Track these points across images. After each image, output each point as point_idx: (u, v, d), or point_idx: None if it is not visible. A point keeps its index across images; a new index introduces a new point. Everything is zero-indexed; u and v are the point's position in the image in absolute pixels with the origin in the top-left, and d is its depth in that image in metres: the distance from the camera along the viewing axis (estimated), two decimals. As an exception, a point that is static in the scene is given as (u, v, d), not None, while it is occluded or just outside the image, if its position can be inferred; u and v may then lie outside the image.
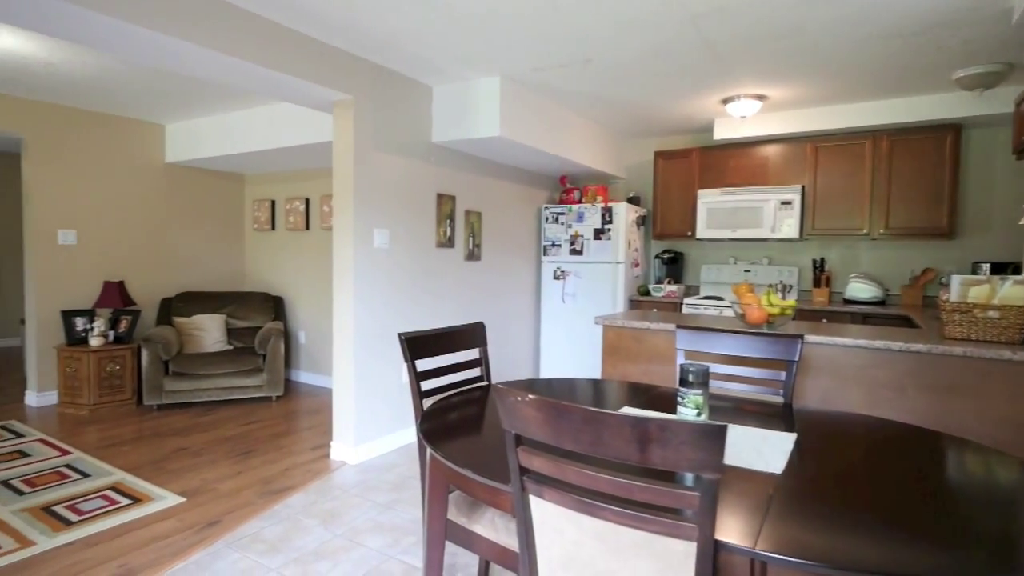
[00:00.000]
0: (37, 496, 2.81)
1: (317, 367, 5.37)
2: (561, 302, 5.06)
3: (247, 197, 5.87)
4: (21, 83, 3.93)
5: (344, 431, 3.40)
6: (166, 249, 5.23)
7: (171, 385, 4.36)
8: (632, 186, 5.46)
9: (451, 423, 1.70)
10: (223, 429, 3.97)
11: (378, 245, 3.47)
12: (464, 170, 4.23)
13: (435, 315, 3.98)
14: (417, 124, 3.74)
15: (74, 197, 4.60)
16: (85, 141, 4.64)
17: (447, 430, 1.63)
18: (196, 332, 4.80)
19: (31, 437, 3.69)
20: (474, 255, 4.36)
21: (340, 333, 3.39)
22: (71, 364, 4.27)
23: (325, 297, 5.26)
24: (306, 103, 3.38)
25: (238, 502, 2.82)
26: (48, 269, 4.46)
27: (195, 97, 4.23)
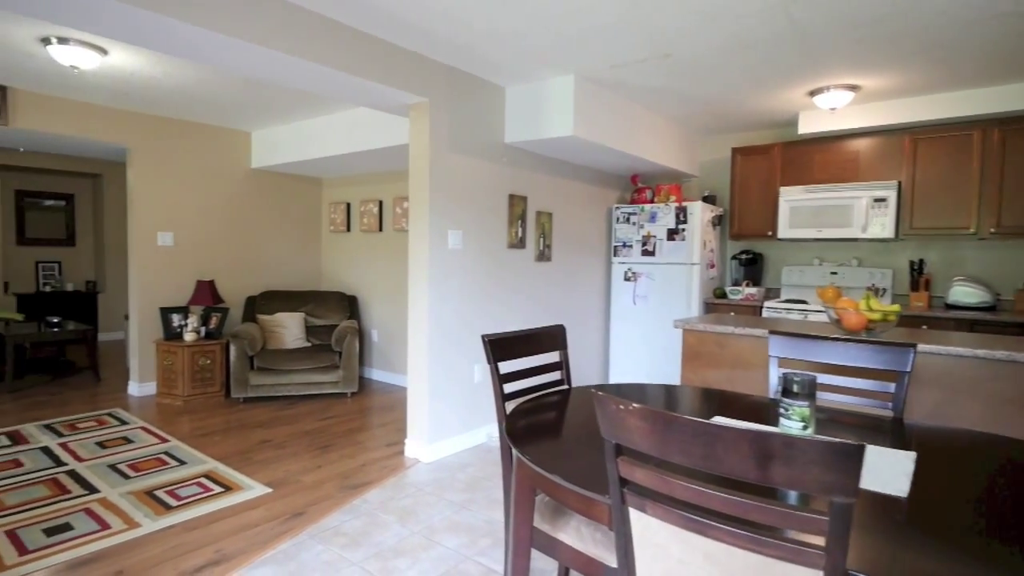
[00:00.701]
0: (141, 480, 3.02)
1: (389, 365, 5.50)
2: (632, 304, 4.94)
3: (324, 200, 6.11)
4: (128, 96, 4.25)
5: (418, 429, 3.45)
6: (251, 250, 5.52)
7: (256, 379, 4.59)
8: (706, 184, 5.26)
9: (536, 426, 1.67)
10: (303, 423, 4.14)
11: (452, 246, 3.51)
12: (536, 170, 4.21)
13: (505, 317, 3.98)
14: (490, 125, 3.75)
15: (171, 202, 4.93)
16: (181, 149, 4.97)
17: (533, 433, 1.60)
18: (278, 329, 5.03)
19: (134, 424, 3.98)
20: (545, 256, 4.33)
21: (415, 333, 3.44)
22: (168, 358, 4.58)
23: (397, 297, 5.39)
24: (383, 107, 3.46)
25: (319, 495, 2.91)
26: (149, 269, 4.81)
27: (278, 105, 4.43)
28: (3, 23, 2.91)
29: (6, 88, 4.01)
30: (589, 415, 1.78)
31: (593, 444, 1.53)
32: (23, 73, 3.72)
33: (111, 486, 2.94)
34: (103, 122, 4.50)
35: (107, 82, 3.88)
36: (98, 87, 4.01)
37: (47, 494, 2.83)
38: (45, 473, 3.09)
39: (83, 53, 3.16)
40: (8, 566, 2.19)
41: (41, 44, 3.15)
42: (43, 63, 3.51)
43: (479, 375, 3.75)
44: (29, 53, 3.33)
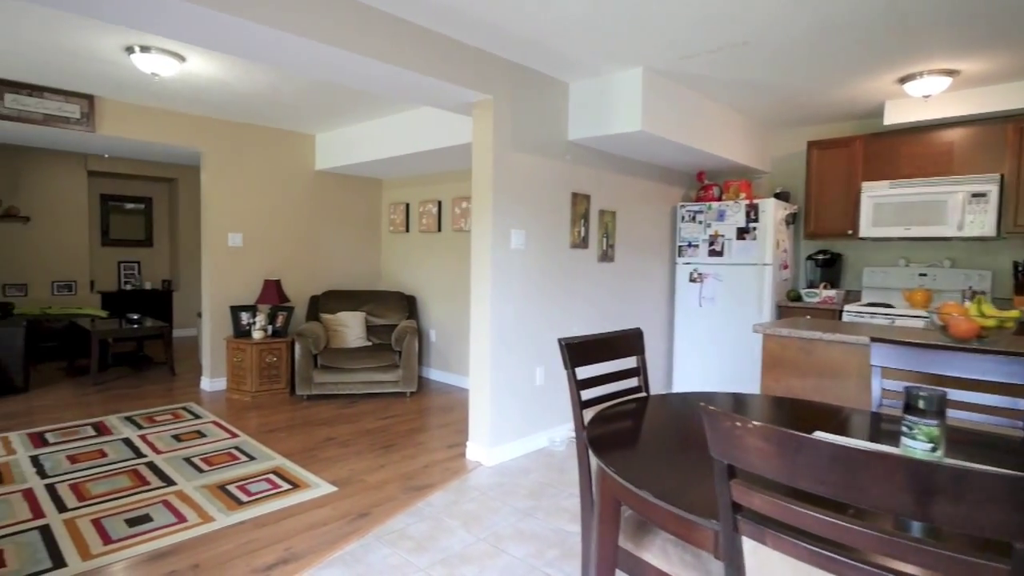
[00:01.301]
0: (213, 475, 3.10)
1: (446, 365, 5.50)
2: (698, 306, 4.74)
3: (384, 200, 6.18)
4: (202, 102, 4.41)
5: (479, 432, 3.40)
6: (314, 250, 5.64)
7: (319, 377, 4.67)
8: (778, 181, 4.99)
9: (619, 436, 1.57)
10: (365, 422, 4.17)
11: (515, 246, 3.44)
12: (599, 168, 4.09)
13: (567, 319, 3.88)
14: (553, 122, 3.66)
15: (241, 203, 5.09)
16: (250, 153, 5.13)
17: (617, 444, 1.50)
18: (340, 328, 5.12)
19: (206, 419, 4.12)
20: (608, 256, 4.20)
21: (477, 334, 3.39)
22: (237, 355, 4.73)
23: (455, 297, 5.38)
24: (446, 106, 3.43)
25: (384, 495, 2.90)
26: (220, 268, 4.98)
27: (342, 108, 4.49)
28: (91, 33, 3.05)
29: (93, 97, 4.23)
30: (676, 426, 1.66)
31: (685, 458, 1.41)
32: (108, 82, 3.91)
33: (186, 479, 3.02)
34: (179, 128, 4.70)
35: (184, 89, 4.03)
36: (175, 94, 4.18)
37: (128, 485, 2.94)
38: (126, 464, 3.22)
39: (163, 60, 3.28)
40: (94, 555, 2.27)
41: (125, 53, 3.30)
42: (126, 72, 3.68)
43: (540, 378, 3.67)
44: (114, 62, 3.49)
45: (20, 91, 3.92)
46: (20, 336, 4.71)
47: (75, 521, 2.53)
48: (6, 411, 4.25)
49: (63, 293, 7.01)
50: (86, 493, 2.83)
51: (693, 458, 1.42)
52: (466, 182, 5.26)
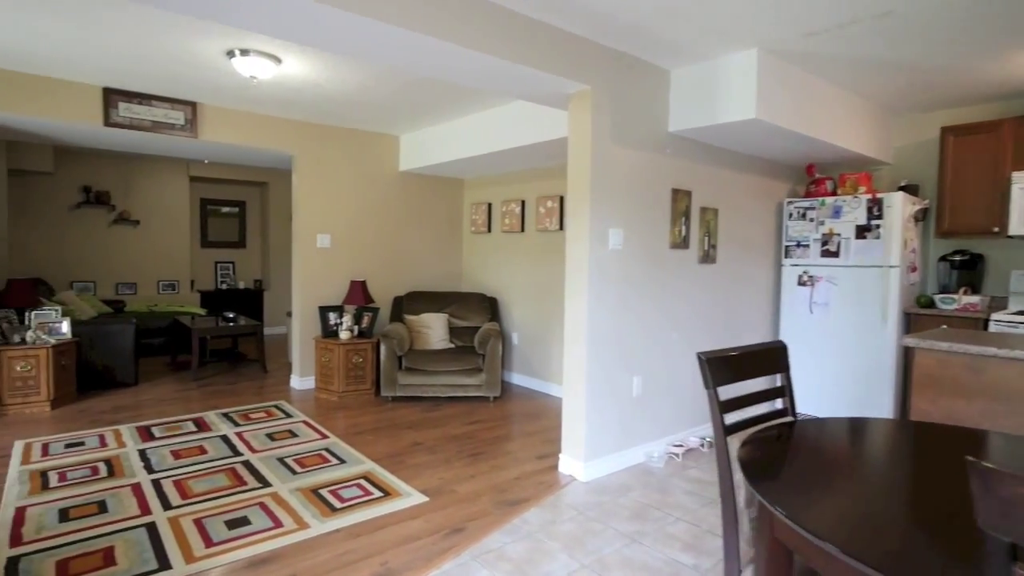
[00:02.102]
0: (307, 477, 3.08)
1: (530, 370, 5.34)
2: (808, 313, 4.30)
3: (466, 201, 6.11)
4: (294, 106, 4.48)
5: (573, 444, 3.20)
6: (397, 250, 5.65)
7: (404, 379, 4.63)
8: (902, 172, 4.45)
9: (779, 469, 1.31)
10: (450, 426, 4.07)
11: (612, 246, 3.21)
12: (701, 162, 3.77)
13: (666, 325, 3.60)
14: (653, 113, 3.40)
15: (329, 205, 5.16)
16: (338, 155, 5.19)
17: (778, 478, 1.25)
18: (424, 330, 5.07)
19: (297, 418, 4.17)
20: (709, 257, 3.87)
21: (572, 340, 3.19)
22: (325, 355, 4.78)
23: (539, 299, 5.20)
24: (540, 98, 3.25)
25: (476, 509, 2.76)
26: (309, 269, 5.07)
27: (428, 107, 4.42)
28: (195, 39, 3.11)
29: (196, 104, 4.39)
30: (852, 460, 1.39)
31: (885, 507, 1.14)
32: (209, 88, 4.03)
33: (281, 481, 3.02)
34: (273, 132, 4.81)
35: (278, 92, 4.09)
36: (270, 98, 4.25)
37: (227, 484, 2.96)
38: (225, 462, 3.27)
39: (261, 63, 3.31)
40: (197, 558, 2.25)
41: (226, 57, 3.35)
42: (226, 77, 3.76)
43: (638, 388, 3.41)
44: (215, 68, 3.57)
45: (131, 100, 4.12)
46: (130, 334, 4.99)
47: (179, 520, 2.56)
48: (118, 404, 4.49)
49: (167, 292, 7.45)
50: (188, 491, 2.87)
51: (895, 510, 1.14)
52: (551, 180, 5.07)
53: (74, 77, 3.84)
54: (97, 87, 4.00)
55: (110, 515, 2.59)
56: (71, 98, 3.91)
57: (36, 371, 4.17)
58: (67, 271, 6.77)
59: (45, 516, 2.57)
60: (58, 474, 3.06)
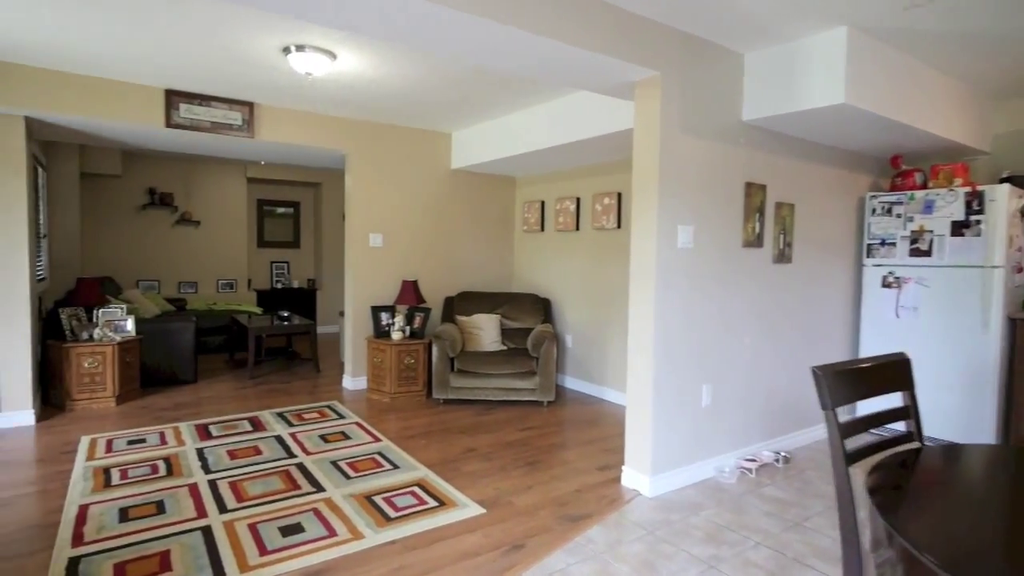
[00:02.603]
0: (360, 482, 2.99)
1: (584, 374, 5.14)
2: (894, 318, 3.93)
3: (518, 199, 5.97)
4: (348, 104, 4.44)
5: (638, 456, 2.99)
6: (448, 250, 5.55)
7: (456, 381, 4.52)
8: (1003, 163, 4.01)
9: (923, 510, 1.09)
10: (504, 432, 3.93)
11: (682, 245, 2.98)
12: (776, 153, 3.49)
13: (739, 329, 3.33)
14: (725, 101, 3.15)
15: (381, 204, 5.11)
16: (390, 153, 5.13)
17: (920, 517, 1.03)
18: (475, 331, 4.95)
19: (349, 420, 4.12)
20: (784, 256, 3.58)
21: (637, 345, 2.99)
22: (377, 355, 4.73)
23: (594, 300, 5.00)
24: (603, 87, 3.06)
25: (536, 524, 2.60)
26: (361, 268, 5.03)
27: (482, 101, 4.29)
28: (253, 34, 3.07)
29: (253, 104, 4.41)
30: (1005, 498, 1.15)
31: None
32: (265, 88, 4.03)
33: (335, 486, 2.94)
34: (327, 130, 4.79)
35: (332, 90, 4.05)
36: (324, 96, 4.22)
37: (281, 488, 2.91)
38: (279, 464, 3.23)
39: (317, 59, 3.25)
40: (251, 566, 2.18)
41: (282, 54, 3.31)
42: (282, 75, 3.74)
43: (708, 397, 3.17)
44: (271, 66, 3.55)
45: (192, 101, 4.17)
46: (191, 332, 5.08)
47: (234, 525, 2.51)
48: (179, 401, 4.56)
49: (226, 291, 7.64)
50: (244, 494, 2.83)
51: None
52: (608, 176, 4.86)
53: (137, 79, 3.91)
54: (159, 89, 4.06)
55: (167, 516, 2.57)
56: (135, 100, 3.98)
57: (102, 367, 4.28)
58: (134, 270, 7.03)
59: (106, 516, 2.57)
60: (120, 471, 3.08)
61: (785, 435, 3.68)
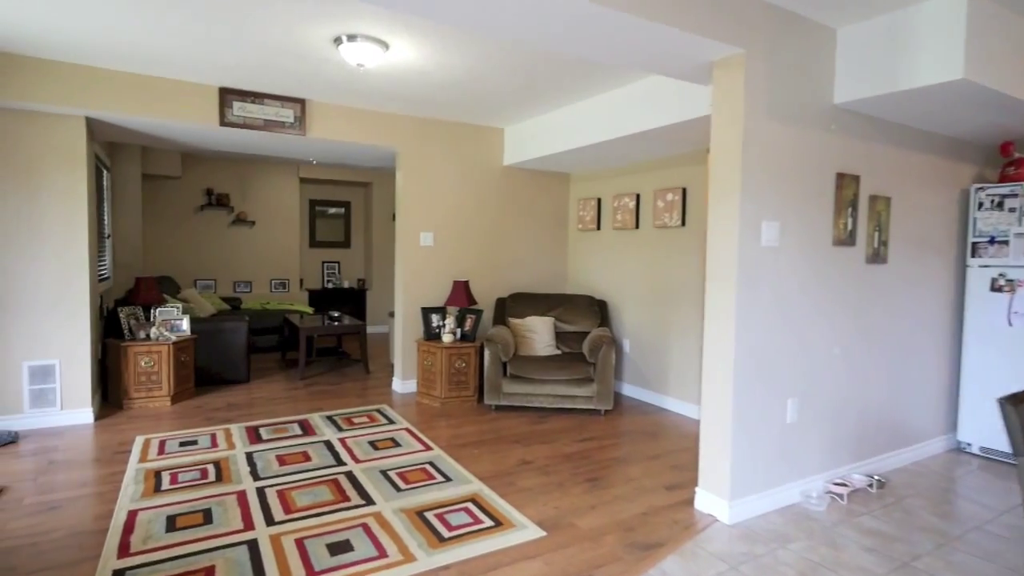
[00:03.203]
0: (411, 496, 2.82)
1: (643, 381, 4.84)
2: (1006, 326, 3.46)
3: (572, 196, 5.71)
4: (399, 98, 4.30)
5: (715, 478, 2.70)
6: (500, 249, 5.36)
7: (508, 387, 4.32)
8: None
9: None
10: (561, 443, 3.69)
11: (766, 243, 2.67)
12: (870, 140, 3.11)
13: (828, 337, 2.98)
14: (815, 81, 2.81)
15: (432, 202, 4.96)
16: (442, 149, 4.98)
17: None
18: (529, 334, 4.73)
19: (399, 425, 3.97)
20: (878, 256, 3.19)
21: (715, 353, 2.69)
22: (428, 358, 4.57)
23: (655, 303, 4.69)
24: (678, 69, 2.77)
25: (603, 552, 2.35)
26: (412, 268, 4.90)
27: (537, 93, 4.07)
28: (304, 25, 2.95)
29: (304, 101, 4.34)
30: None
31: None
32: (316, 83, 3.94)
33: (385, 499, 2.78)
34: (378, 127, 4.68)
35: (384, 84, 3.92)
36: (375, 91, 4.10)
37: (330, 499, 2.77)
38: (328, 473, 3.10)
39: (369, 49, 3.10)
40: (297, 589, 2.03)
41: (333, 45, 3.19)
42: (333, 69, 3.62)
43: (793, 413, 2.84)
44: (323, 58, 3.43)
45: (245, 99, 4.12)
46: (243, 332, 5.07)
47: (280, 539, 2.37)
48: (231, 401, 4.54)
49: (279, 290, 7.70)
50: (292, 504, 2.70)
51: None
52: (671, 170, 4.54)
53: (192, 77, 3.88)
54: (213, 87, 4.03)
55: (215, 527, 2.46)
56: (190, 99, 3.96)
57: (158, 367, 4.30)
58: (192, 269, 7.16)
59: (154, 524, 2.48)
60: (170, 475, 3.02)
61: (878, 456, 3.29)
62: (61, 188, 3.81)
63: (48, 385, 3.81)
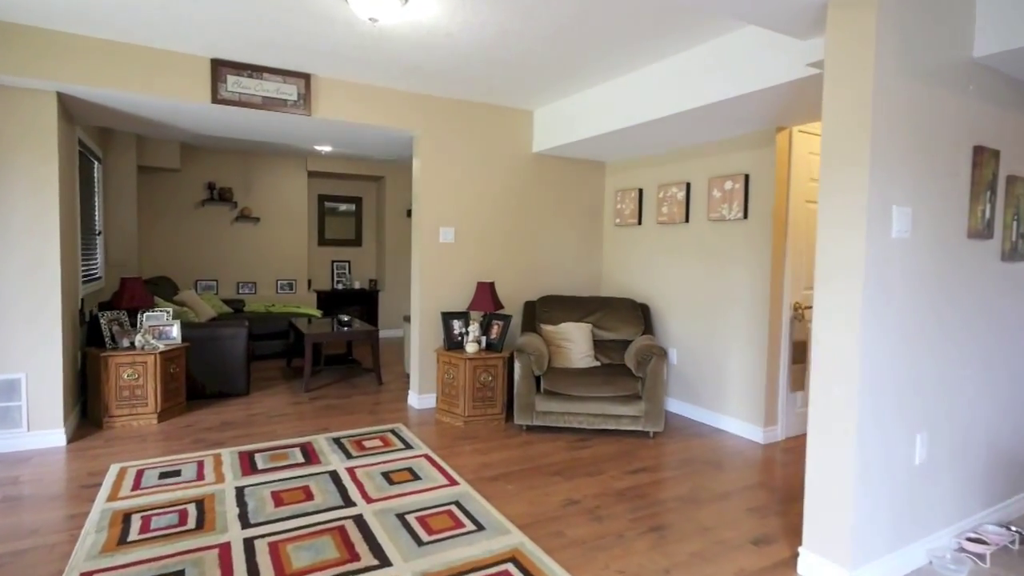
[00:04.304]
0: (436, 553, 2.24)
1: (693, 396, 4.23)
2: None
3: (608, 188, 5.11)
4: (418, 73, 3.74)
5: (826, 536, 2.09)
6: (529, 247, 4.77)
7: (542, 405, 3.73)
8: None
9: None
10: (609, 474, 3.10)
11: (897, 233, 2.06)
12: (1007, 106, 2.49)
13: (961, 353, 2.36)
14: (951, 28, 2.20)
15: (454, 193, 4.40)
16: (463, 135, 4.41)
17: None
18: (564, 343, 4.14)
19: (417, 451, 3.40)
20: (1017, 252, 2.57)
21: (829, 375, 2.09)
22: (449, 371, 4.00)
23: (708, 307, 4.08)
24: (774, 12, 2.18)
25: (695, 645, 1.76)
26: (430, 268, 4.33)
27: (573, 63, 3.48)
28: (305, -32, 2.39)
29: (309, 76, 3.79)
30: None
31: None
32: (322, 53, 3.38)
33: (404, 557, 2.20)
34: (393, 106, 4.12)
35: (401, 53, 3.36)
36: (391, 62, 3.54)
37: (335, 557, 2.20)
38: (333, 517, 2.53)
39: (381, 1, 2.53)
40: None
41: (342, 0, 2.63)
42: (341, 31, 3.07)
43: (921, 452, 2.23)
44: (329, 16, 2.88)
45: (241, 72, 3.58)
46: (242, 339, 4.54)
47: (268, 623, 1.81)
48: (226, 419, 4.00)
49: (285, 292, 7.18)
50: (286, 566, 2.13)
51: None
52: (731, 155, 3.93)
53: (179, 47, 3.35)
54: (204, 58, 3.50)
55: (185, 600, 1.91)
56: (178, 71, 3.42)
57: (143, 379, 3.77)
58: (192, 269, 6.66)
59: (107, 595, 1.93)
60: (142, 519, 2.47)
61: (1012, 498, 2.66)
62: (28, 175, 3.29)
63: (12, 403, 3.28)
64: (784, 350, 3.77)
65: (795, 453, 3.52)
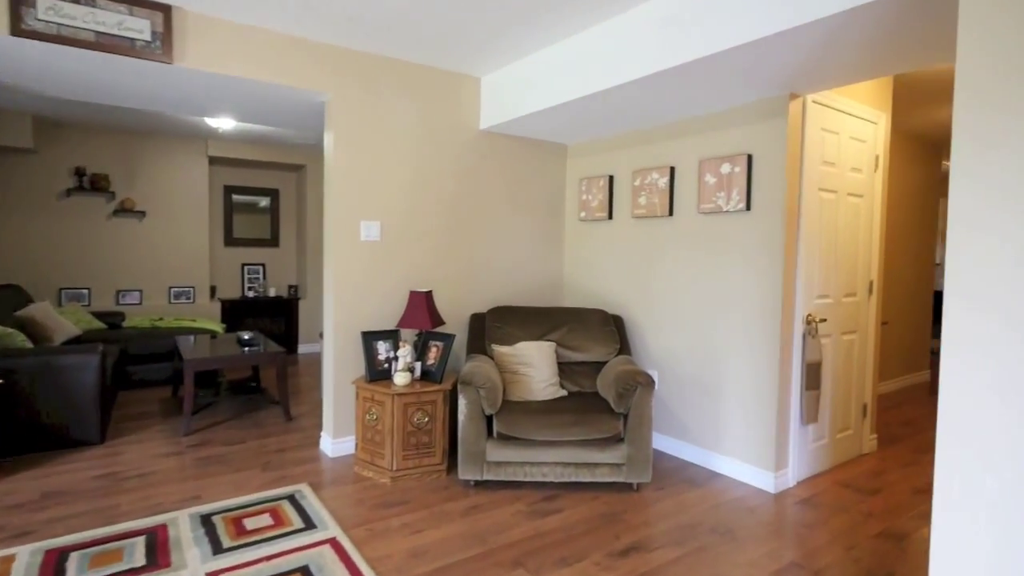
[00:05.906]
0: None
1: (679, 430, 3.43)
2: None
3: (570, 175, 4.27)
4: (326, 14, 2.75)
5: None
6: (477, 247, 3.85)
7: (495, 453, 2.82)
8: None
9: None
10: (589, 560, 2.23)
11: (1075, 219, 1.28)
12: None
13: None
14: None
15: (378, 178, 3.42)
16: (392, 102, 3.44)
17: None
18: (522, 369, 3.24)
19: (321, 533, 2.41)
20: None
21: (970, 454, 1.28)
22: (372, 409, 3.02)
23: (698, 320, 3.29)
24: None
25: None
26: (348, 273, 3.33)
27: (528, 9, 2.60)
28: None
29: (171, 8, 2.73)
30: None
31: None
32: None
33: None
34: (296, 60, 3.11)
35: (293, -31, 2.37)
36: None
37: None
38: None
39: None
40: None
41: None
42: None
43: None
44: None
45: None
46: (93, 369, 3.38)
47: None
48: (55, 485, 2.86)
49: (181, 301, 5.94)
50: None
51: None
52: (728, 131, 3.16)
53: (-50, -57, 2.23)
54: (-3, -32, 2.39)
55: None
56: (-49, -16, 2.30)
57: (-84, 438, 2.59)
58: (55, 275, 5.34)
59: None
60: None
61: None
62: None
63: None
64: (796, 373, 3.03)
65: (820, 508, 2.76)
